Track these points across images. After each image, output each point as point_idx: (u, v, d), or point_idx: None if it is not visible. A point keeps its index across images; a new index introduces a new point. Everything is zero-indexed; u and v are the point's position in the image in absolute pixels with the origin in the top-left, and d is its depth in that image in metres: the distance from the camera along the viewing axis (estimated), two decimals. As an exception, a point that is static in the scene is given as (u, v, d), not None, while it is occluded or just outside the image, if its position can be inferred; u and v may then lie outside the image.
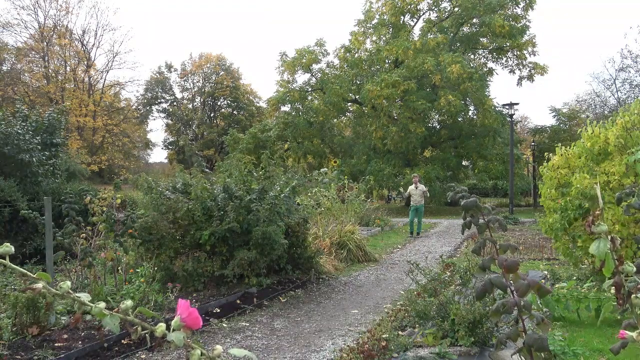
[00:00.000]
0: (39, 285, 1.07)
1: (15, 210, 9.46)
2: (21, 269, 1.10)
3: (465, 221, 1.66)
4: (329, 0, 73.74)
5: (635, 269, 1.46)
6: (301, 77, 64.08)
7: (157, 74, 50.52)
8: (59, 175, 12.76)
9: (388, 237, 14.95)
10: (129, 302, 1.11)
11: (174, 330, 1.06)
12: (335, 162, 26.23)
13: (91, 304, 1.10)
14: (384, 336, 4.88)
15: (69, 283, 1.11)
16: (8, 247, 1.11)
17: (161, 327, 1.05)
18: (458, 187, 1.82)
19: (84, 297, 1.11)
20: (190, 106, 51.88)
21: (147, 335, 1.09)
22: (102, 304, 1.09)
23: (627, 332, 1.37)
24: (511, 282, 1.54)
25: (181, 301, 1.08)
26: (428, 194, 15.53)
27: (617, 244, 1.44)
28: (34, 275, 1.08)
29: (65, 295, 1.10)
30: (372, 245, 12.11)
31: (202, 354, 1.09)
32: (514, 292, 1.51)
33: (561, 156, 7.66)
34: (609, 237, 1.43)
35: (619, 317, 5.44)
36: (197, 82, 51.19)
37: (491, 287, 1.51)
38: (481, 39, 28.58)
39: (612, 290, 1.49)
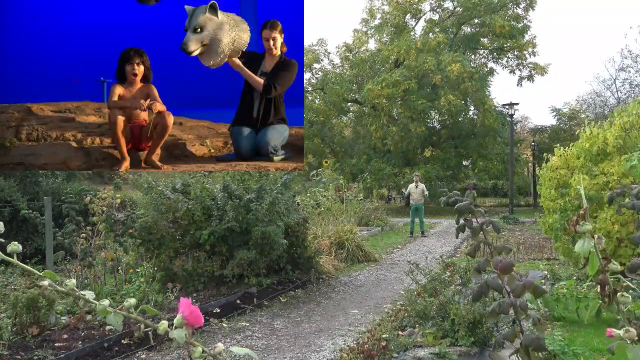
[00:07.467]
0: (46, 282, 1.12)
1: (15, 210, 9.46)
2: (28, 267, 1.18)
3: (459, 225, 1.67)
4: (329, 0, 73.72)
5: (619, 267, 1.48)
6: (301, 77, 63.88)
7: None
8: (59, 175, 12.76)
9: (388, 237, 14.95)
10: (132, 300, 1.14)
11: (176, 327, 1.08)
12: (326, 162, 25.91)
13: (95, 302, 1.14)
14: (384, 336, 4.89)
15: (74, 281, 1.15)
16: (16, 246, 1.16)
17: (163, 324, 1.09)
18: (451, 192, 1.83)
19: (89, 294, 1.14)
20: (190, 106, 51.91)
21: (149, 333, 1.13)
22: (106, 302, 1.13)
23: (614, 330, 1.39)
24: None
25: (183, 299, 1.10)
26: (427, 194, 15.51)
27: (602, 244, 1.47)
28: (41, 274, 1.14)
29: (70, 293, 1.14)
30: (372, 245, 12.12)
31: (203, 351, 1.11)
32: (510, 293, 1.52)
33: (560, 157, 7.67)
34: (596, 237, 1.45)
35: (619, 317, 5.43)
36: (198, 81, 51.25)
37: (487, 289, 1.52)
38: (482, 39, 28.56)
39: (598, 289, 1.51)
